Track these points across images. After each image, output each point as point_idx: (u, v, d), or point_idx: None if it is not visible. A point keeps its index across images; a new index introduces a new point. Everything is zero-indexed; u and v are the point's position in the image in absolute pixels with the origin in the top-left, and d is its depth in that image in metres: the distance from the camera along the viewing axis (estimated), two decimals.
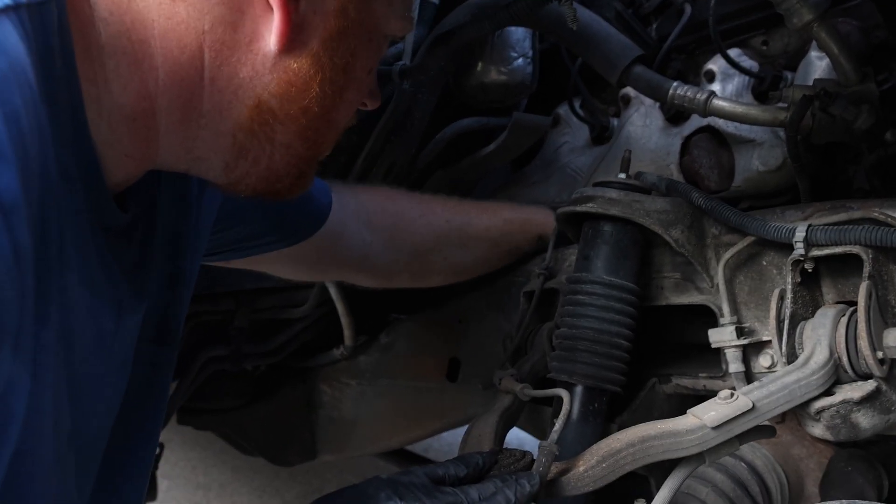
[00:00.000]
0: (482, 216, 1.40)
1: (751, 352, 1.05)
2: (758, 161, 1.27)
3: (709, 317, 1.09)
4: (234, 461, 2.70)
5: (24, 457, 0.64)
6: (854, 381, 0.93)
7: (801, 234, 0.97)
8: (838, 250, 0.95)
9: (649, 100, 1.42)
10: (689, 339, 1.16)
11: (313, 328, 1.69)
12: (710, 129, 1.34)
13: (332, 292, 1.57)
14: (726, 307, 1.06)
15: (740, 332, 1.05)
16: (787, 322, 0.98)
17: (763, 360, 1.04)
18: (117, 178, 0.78)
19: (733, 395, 0.86)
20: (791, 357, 0.97)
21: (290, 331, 1.69)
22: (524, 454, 0.89)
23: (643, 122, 1.45)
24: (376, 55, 0.86)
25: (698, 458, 0.85)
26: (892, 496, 1.03)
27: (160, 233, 0.90)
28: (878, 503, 0.95)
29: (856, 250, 0.94)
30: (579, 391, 1.08)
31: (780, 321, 0.99)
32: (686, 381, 1.14)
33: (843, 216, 0.98)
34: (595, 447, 0.88)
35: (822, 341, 0.93)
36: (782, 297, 0.99)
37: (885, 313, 0.95)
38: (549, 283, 1.24)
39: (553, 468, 0.87)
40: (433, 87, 1.42)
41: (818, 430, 0.94)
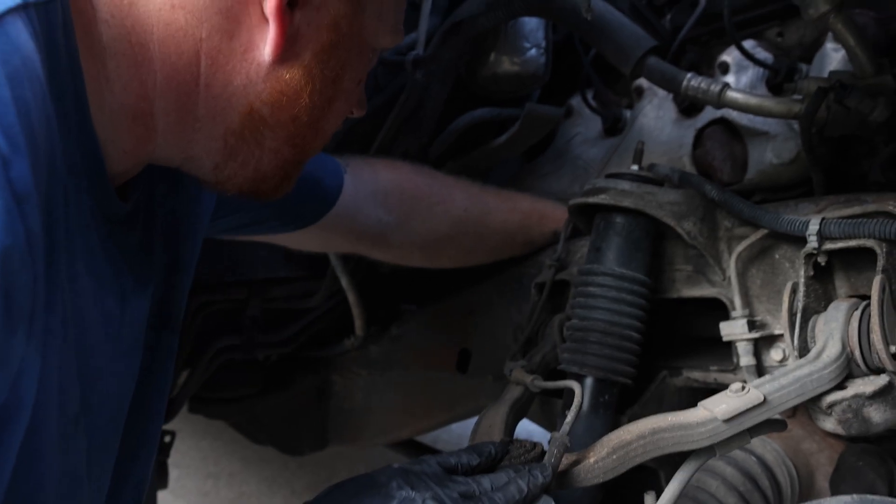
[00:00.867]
0: (501, 207, 1.41)
1: (762, 345, 1.05)
2: (771, 154, 1.27)
3: (720, 310, 1.09)
4: (244, 451, 2.71)
5: (32, 434, 0.67)
6: (866, 375, 0.92)
7: (814, 227, 0.96)
8: (852, 244, 0.94)
9: (662, 91, 1.41)
10: (701, 332, 1.16)
11: (325, 318, 1.69)
12: (723, 122, 1.33)
13: (344, 283, 1.58)
14: (738, 300, 1.06)
15: (752, 326, 1.05)
16: (799, 315, 0.97)
17: (775, 354, 1.03)
18: (117, 171, 0.81)
19: (745, 387, 0.86)
20: (803, 351, 0.97)
21: (302, 321, 1.69)
22: (535, 445, 0.89)
23: (656, 114, 1.44)
24: (365, 67, 0.89)
25: (709, 451, 0.85)
26: None
27: (159, 221, 0.93)
28: (888, 498, 0.94)
29: (870, 244, 0.93)
30: (590, 383, 1.08)
31: (792, 314, 0.98)
32: (697, 374, 1.13)
33: (857, 209, 0.98)
34: (606, 439, 0.88)
35: (834, 335, 0.93)
36: (795, 291, 0.99)
37: None
38: (561, 275, 1.24)
39: (564, 460, 0.87)
40: (446, 78, 1.42)
41: (829, 425, 0.93)
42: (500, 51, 1.42)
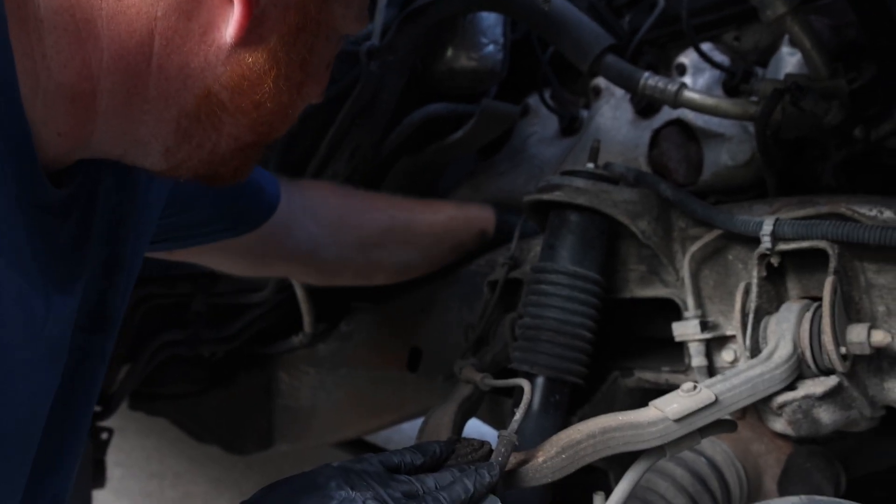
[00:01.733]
0: (425, 212, 1.42)
1: (714, 346, 1.05)
2: (726, 156, 1.27)
3: (673, 310, 1.08)
4: (191, 450, 2.65)
5: None
6: (817, 376, 0.93)
7: (768, 227, 0.96)
8: (805, 245, 0.95)
9: (620, 92, 1.41)
10: (653, 332, 1.15)
11: (272, 314, 1.66)
12: (679, 123, 1.33)
13: None
14: (691, 301, 1.06)
15: (704, 326, 1.05)
16: (751, 316, 0.97)
17: (726, 355, 1.03)
18: (51, 155, 0.75)
19: (696, 387, 0.85)
20: (755, 351, 0.97)
21: (249, 316, 1.66)
22: (482, 444, 0.87)
23: (613, 115, 1.44)
24: (332, 51, 0.85)
25: (659, 451, 0.84)
26: (849, 492, 1.03)
27: (100, 215, 0.87)
28: (835, 499, 0.94)
29: (822, 245, 0.93)
30: (540, 382, 1.06)
31: (744, 315, 0.98)
32: (648, 375, 1.13)
33: (810, 211, 0.98)
34: (555, 438, 0.86)
35: (786, 336, 0.93)
36: (747, 292, 0.99)
37: (849, 309, 0.94)
38: (514, 273, 1.22)
39: (512, 458, 0.85)
40: (401, 70, 1.39)
41: (779, 425, 0.93)
42: (457, 46, 1.41)
